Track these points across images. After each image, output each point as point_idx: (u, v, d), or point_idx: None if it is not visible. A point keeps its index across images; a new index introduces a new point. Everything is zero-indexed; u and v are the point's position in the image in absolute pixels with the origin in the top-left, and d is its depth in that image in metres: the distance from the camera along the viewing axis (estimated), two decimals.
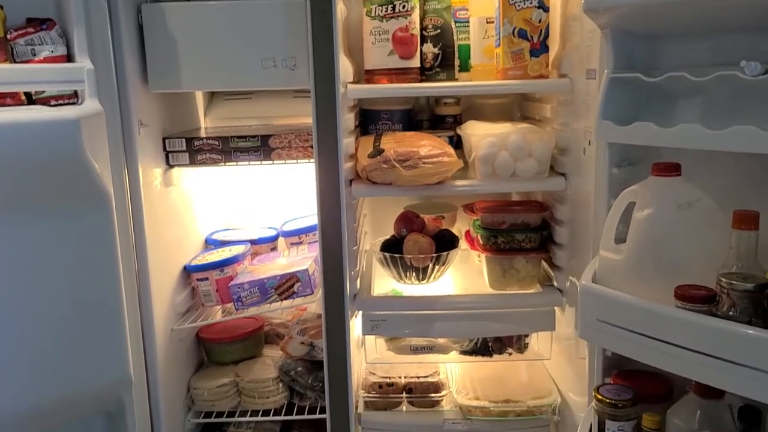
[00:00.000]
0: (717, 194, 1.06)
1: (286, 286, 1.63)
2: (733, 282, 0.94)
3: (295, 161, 1.71)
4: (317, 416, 1.69)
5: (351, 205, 1.59)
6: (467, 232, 1.91)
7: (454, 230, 1.86)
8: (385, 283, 1.81)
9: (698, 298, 0.99)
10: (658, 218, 1.05)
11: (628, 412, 1.14)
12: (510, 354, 1.78)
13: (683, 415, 1.06)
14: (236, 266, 1.76)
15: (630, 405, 1.14)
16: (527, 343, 1.78)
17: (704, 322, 0.95)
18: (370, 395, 1.79)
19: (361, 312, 1.66)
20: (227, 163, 1.71)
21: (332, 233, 1.52)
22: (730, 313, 0.95)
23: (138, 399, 1.45)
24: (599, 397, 1.17)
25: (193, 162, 1.70)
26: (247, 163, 1.71)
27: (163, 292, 1.62)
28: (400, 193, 1.57)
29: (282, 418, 1.72)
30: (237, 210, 2.14)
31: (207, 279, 1.74)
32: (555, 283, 1.69)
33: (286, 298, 1.64)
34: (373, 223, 2.07)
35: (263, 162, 1.71)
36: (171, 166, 1.72)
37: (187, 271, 1.77)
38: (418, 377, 1.82)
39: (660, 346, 0.99)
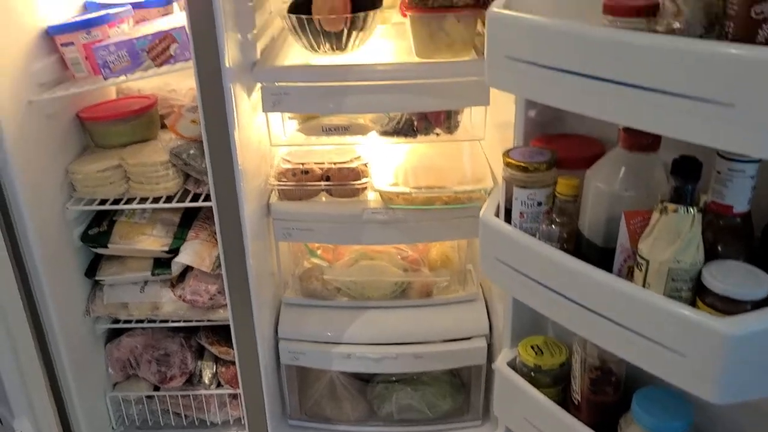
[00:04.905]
0: None
1: (161, 48, 1.32)
2: None
3: None
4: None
5: None
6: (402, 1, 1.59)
7: None
8: (298, 56, 1.51)
9: (633, 10, 0.72)
10: None
11: (542, 178, 0.91)
12: (438, 135, 1.53)
13: (604, 175, 0.82)
14: (107, 28, 1.44)
15: (545, 168, 0.91)
16: (459, 122, 1.52)
17: (637, 41, 0.68)
18: (282, 183, 1.59)
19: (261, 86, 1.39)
20: None
21: None
22: (676, 25, 0.68)
23: None
24: (508, 160, 0.93)
25: None
26: None
27: (7, 55, 1.32)
28: None
29: (173, 205, 1.50)
30: None
31: (73, 44, 1.42)
32: None
33: (162, 63, 1.35)
34: None
35: None
36: None
37: (50, 34, 1.45)
38: (335, 164, 1.60)
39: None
